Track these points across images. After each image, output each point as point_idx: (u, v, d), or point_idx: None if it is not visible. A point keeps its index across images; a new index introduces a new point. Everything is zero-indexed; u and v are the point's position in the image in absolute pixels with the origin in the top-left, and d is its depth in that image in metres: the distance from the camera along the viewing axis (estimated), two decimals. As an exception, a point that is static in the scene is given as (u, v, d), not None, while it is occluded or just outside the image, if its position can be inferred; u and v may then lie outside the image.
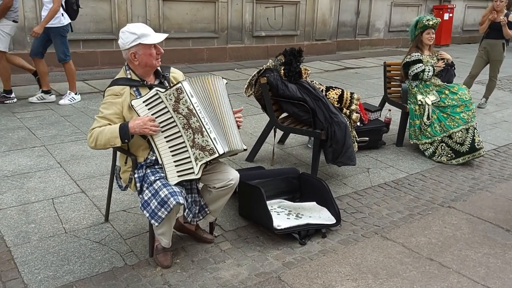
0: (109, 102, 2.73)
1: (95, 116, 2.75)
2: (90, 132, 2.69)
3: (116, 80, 2.80)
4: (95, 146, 2.69)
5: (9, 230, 3.12)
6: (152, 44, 2.72)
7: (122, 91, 2.73)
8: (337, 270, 2.88)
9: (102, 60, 8.41)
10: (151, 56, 2.73)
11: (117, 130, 2.61)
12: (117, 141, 2.62)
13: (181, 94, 2.61)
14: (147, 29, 2.75)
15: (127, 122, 2.64)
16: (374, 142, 5.09)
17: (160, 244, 2.84)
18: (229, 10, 9.91)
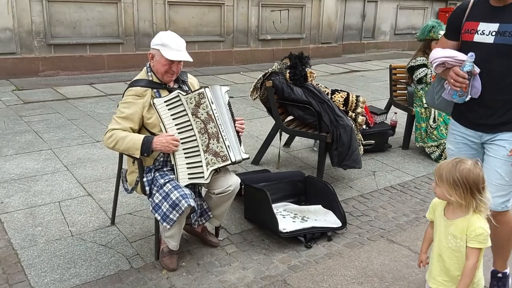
0: (130, 102, 2.75)
1: (114, 116, 2.76)
2: (110, 133, 2.69)
3: (138, 81, 2.84)
4: (112, 148, 2.72)
5: (16, 233, 3.15)
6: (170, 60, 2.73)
7: (145, 93, 2.77)
8: (343, 274, 2.88)
9: (109, 64, 8.47)
10: (163, 66, 2.75)
11: (140, 143, 2.63)
12: (136, 153, 2.65)
13: (203, 99, 2.67)
14: (175, 42, 2.76)
15: (151, 138, 2.66)
16: (380, 145, 5.08)
17: (166, 247, 2.84)
18: (235, 13, 9.94)
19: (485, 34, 2.32)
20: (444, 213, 2.13)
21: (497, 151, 2.41)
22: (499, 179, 2.40)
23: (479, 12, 2.38)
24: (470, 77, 2.26)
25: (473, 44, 2.37)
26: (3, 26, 7.36)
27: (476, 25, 2.36)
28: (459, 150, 2.58)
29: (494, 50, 2.29)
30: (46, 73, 7.91)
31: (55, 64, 7.99)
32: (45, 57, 7.89)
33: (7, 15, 7.33)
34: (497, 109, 2.38)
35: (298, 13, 11.02)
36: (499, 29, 2.27)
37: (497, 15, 2.29)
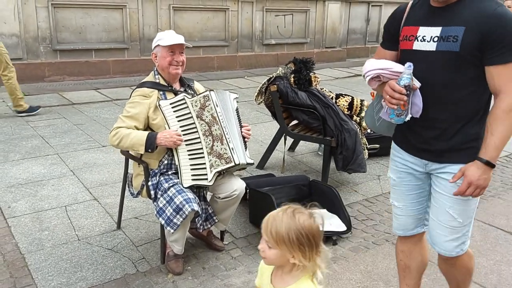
0: (137, 102, 2.80)
1: (120, 115, 2.81)
2: (115, 131, 2.73)
3: (145, 82, 2.91)
4: (117, 146, 2.75)
5: (23, 237, 3.17)
6: (169, 49, 2.80)
7: (151, 94, 2.82)
8: (348, 278, 2.88)
9: (114, 69, 8.52)
10: (165, 59, 2.82)
11: (144, 139, 2.67)
12: (141, 149, 2.68)
13: (208, 102, 2.71)
14: (171, 34, 2.86)
15: (155, 133, 2.70)
16: (385, 149, 5.06)
17: (172, 251, 2.86)
18: (239, 18, 9.98)
19: (426, 41, 1.93)
20: (271, 280, 1.64)
21: (446, 187, 2.01)
22: (451, 221, 2.04)
23: (419, 15, 2.01)
24: (409, 92, 1.88)
25: (413, 52, 1.98)
26: (9, 32, 7.43)
27: (415, 30, 1.98)
28: (401, 181, 2.20)
29: (437, 59, 1.91)
30: (52, 79, 7.97)
31: (61, 70, 8.05)
32: (51, 62, 7.95)
33: (13, 21, 7.40)
34: (443, 131, 1.98)
35: (302, 17, 11.06)
36: (441, 33, 1.89)
37: (438, 17, 1.92)
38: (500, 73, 1.83)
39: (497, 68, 1.83)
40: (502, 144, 1.86)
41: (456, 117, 1.95)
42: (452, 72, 1.90)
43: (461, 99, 1.92)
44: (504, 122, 1.83)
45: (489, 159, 1.86)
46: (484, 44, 1.81)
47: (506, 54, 1.80)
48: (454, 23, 1.87)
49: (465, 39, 1.83)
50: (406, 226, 2.28)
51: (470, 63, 1.86)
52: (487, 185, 1.91)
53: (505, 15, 1.80)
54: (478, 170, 1.87)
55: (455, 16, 1.87)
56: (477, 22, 1.81)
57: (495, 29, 1.78)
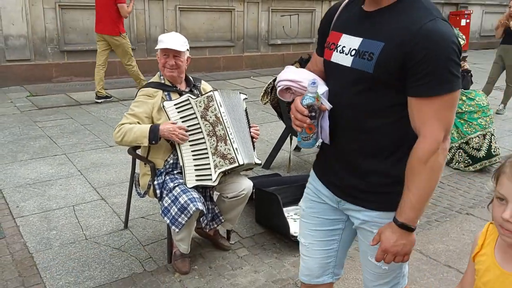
0: (141, 101, 2.84)
1: (125, 113, 2.85)
2: (119, 127, 2.77)
3: (150, 82, 2.96)
4: (121, 142, 2.77)
5: (31, 236, 3.20)
6: (163, 52, 2.84)
7: (156, 93, 2.85)
8: (354, 277, 2.88)
9: (121, 70, 8.54)
10: (160, 61, 2.89)
11: (147, 130, 2.69)
12: (144, 141, 2.70)
13: (211, 102, 2.72)
14: (169, 37, 2.88)
15: (158, 125, 2.72)
16: (391, 149, 5.06)
17: (178, 250, 2.88)
18: (245, 19, 10.00)
19: (344, 53, 1.55)
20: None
21: (365, 235, 1.67)
22: (376, 268, 1.71)
23: (346, 19, 1.61)
24: (314, 114, 1.55)
25: (330, 65, 1.62)
26: (17, 33, 7.49)
27: (338, 37, 1.60)
28: (311, 212, 1.80)
29: (351, 79, 1.53)
30: (59, 79, 8.02)
31: (68, 70, 8.10)
32: (58, 63, 8.00)
33: (21, 23, 7.46)
34: (358, 167, 1.60)
35: (308, 17, 11.05)
36: (360, 46, 1.50)
37: (363, 24, 1.53)
38: (420, 107, 1.42)
39: (418, 101, 1.42)
40: (420, 203, 1.47)
41: (371, 150, 1.57)
42: (366, 96, 1.51)
43: (376, 130, 1.54)
44: (421, 175, 1.44)
45: (405, 221, 1.48)
46: (405, 68, 1.41)
47: (430, 85, 1.38)
48: (375, 36, 1.47)
49: (381, 58, 1.43)
50: (312, 272, 1.85)
51: (390, 87, 1.47)
52: (408, 252, 1.53)
53: (435, 33, 1.37)
54: (393, 235, 1.50)
55: (379, 26, 1.48)
56: (400, 37, 1.40)
57: (419, 51, 1.37)
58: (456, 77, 1.41)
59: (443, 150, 1.45)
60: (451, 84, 1.39)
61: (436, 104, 1.40)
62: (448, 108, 1.42)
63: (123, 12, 6.69)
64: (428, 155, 1.42)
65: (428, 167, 1.43)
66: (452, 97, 1.41)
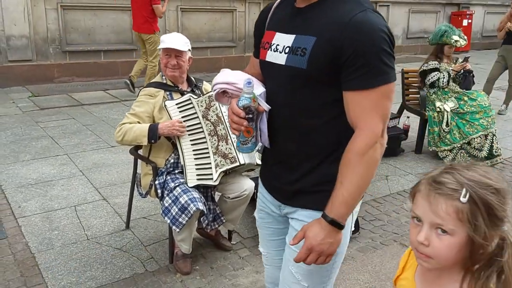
0: (143, 101, 2.86)
1: (126, 113, 2.87)
2: (120, 127, 2.78)
3: (152, 82, 2.98)
4: (121, 141, 2.78)
5: (33, 236, 3.21)
6: (165, 52, 2.85)
7: (157, 93, 2.87)
8: (355, 278, 2.88)
9: (123, 70, 8.56)
10: (162, 61, 2.91)
11: (146, 129, 2.71)
12: (144, 140, 2.71)
13: (213, 102, 2.74)
14: (171, 37, 2.90)
15: (157, 124, 2.73)
16: (393, 149, 5.07)
17: (180, 250, 2.88)
18: (247, 19, 10.00)
19: (278, 51, 1.50)
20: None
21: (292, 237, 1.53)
22: (294, 283, 1.58)
23: (279, 17, 1.57)
24: (251, 116, 1.48)
25: (266, 65, 1.57)
26: (19, 34, 7.50)
27: (272, 36, 1.55)
28: (262, 222, 1.78)
29: (286, 77, 1.48)
30: (61, 80, 8.03)
31: (70, 71, 8.11)
32: (60, 63, 8.01)
33: (23, 23, 7.47)
34: (296, 167, 1.54)
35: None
36: (293, 43, 1.45)
37: (295, 21, 1.49)
38: (355, 101, 1.38)
39: (353, 95, 1.38)
40: (352, 198, 1.39)
41: (309, 151, 1.50)
42: (301, 94, 1.46)
43: (313, 129, 1.48)
44: (356, 168, 1.37)
45: (335, 217, 1.39)
46: (338, 63, 1.37)
47: (364, 77, 1.35)
48: (307, 31, 1.43)
49: (314, 53, 1.39)
50: (274, 279, 1.80)
51: (325, 84, 1.42)
52: (332, 252, 1.43)
53: (365, 24, 1.34)
54: (321, 232, 1.39)
55: (310, 21, 1.44)
56: (330, 32, 1.37)
57: (350, 43, 1.33)
58: (390, 68, 1.38)
59: (381, 145, 1.40)
60: (386, 76, 1.37)
61: (372, 97, 1.36)
62: (384, 100, 1.39)
63: (158, 12, 7.08)
64: (365, 148, 1.37)
65: (365, 161, 1.37)
66: (387, 89, 1.38)
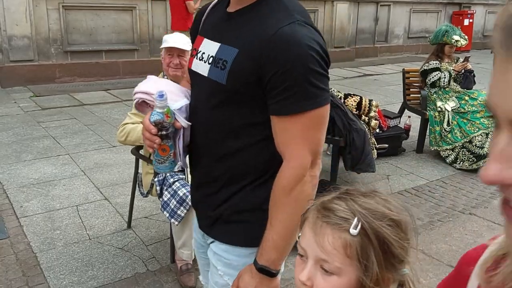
0: None
1: (128, 113, 2.88)
2: (122, 127, 2.79)
3: None
4: (124, 141, 2.79)
5: (35, 236, 3.22)
6: (168, 51, 2.87)
7: None
8: (356, 277, 2.89)
9: (124, 70, 8.58)
10: (164, 61, 2.92)
11: None
12: None
13: None
14: (173, 37, 2.92)
15: None
16: (394, 149, 5.07)
17: (184, 264, 2.80)
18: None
19: (203, 60, 1.33)
20: None
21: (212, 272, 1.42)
22: None
23: (211, 21, 1.39)
24: (165, 133, 1.30)
25: (192, 74, 1.40)
26: (21, 34, 7.52)
27: (200, 42, 1.38)
28: (197, 250, 1.60)
29: (207, 91, 1.31)
30: (62, 80, 8.05)
31: (71, 71, 8.13)
32: (61, 63, 8.03)
33: (25, 24, 7.49)
34: (217, 192, 1.35)
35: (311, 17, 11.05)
36: (217, 53, 1.28)
37: (224, 27, 1.32)
38: (280, 127, 1.20)
39: (277, 120, 1.20)
40: (284, 241, 1.20)
41: (231, 175, 1.32)
42: (221, 112, 1.28)
43: (238, 152, 1.29)
44: (284, 207, 1.19)
45: (265, 264, 1.22)
46: (261, 82, 1.18)
47: (288, 101, 1.16)
48: (231, 41, 1.25)
49: (234, 68, 1.21)
50: None
51: (246, 103, 1.24)
52: None
53: (291, 39, 1.15)
54: (252, 281, 1.24)
55: (236, 30, 1.26)
56: (252, 45, 1.18)
57: (273, 61, 1.14)
58: (322, 90, 1.18)
59: (312, 177, 1.21)
60: (315, 100, 1.17)
61: (298, 124, 1.17)
62: (314, 128, 1.20)
63: (190, 8, 7.35)
64: (292, 183, 1.18)
65: (293, 197, 1.18)
66: (318, 114, 1.19)
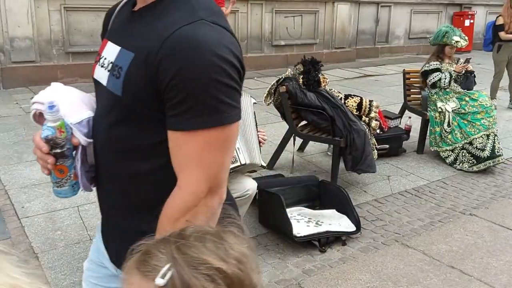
0: None
1: None
2: None
3: None
4: None
5: (36, 237, 3.23)
6: None
7: None
8: (357, 278, 2.89)
9: (125, 71, 8.60)
10: None
11: None
12: None
13: None
14: None
15: None
16: (395, 150, 5.07)
17: None
18: (249, 20, 10.02)
19: (104, 67, 1.16)
20: None
21: None
22: None
23: (117, 21, 1.24)
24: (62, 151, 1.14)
25: (94, 83, 1.25)
26: (23, 35, 7.54)
27: (104, 45, 1.22)
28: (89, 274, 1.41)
29: (106, 103, 1.15)
30: (64, 81, 8.03)
31: (73, 72, 8.14)
32: (63, 64, 8.05)
33: (27, 25, 7.51)
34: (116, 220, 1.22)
35: (312, 18, 11.05)
36: (116, 59, 1.11)
37: (125, 28, 1.17)
38: (176, 145, 1.03)
39: (173, 136, 1.03)
40: None
41: (132, 203, 1.15)
42: (118, 129, 1.11)
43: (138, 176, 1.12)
44: None
45: None
46: (158, 92, 1.01)
47: (186, 116, 0.99)
48: (128, 45, 1.09)
49: (129, 76, 1.05)
50: None
51: (149, 119, 1.06)
52: None
53: (191, 43, 0.98)
54: None
55: (135, 31, 1.10)
56: (148, 49, 1.01)
57: (168, 68, 0.98)
58: (227, 106, 1.00)
59: (207, 208, 1.03)
60: (218, 116, 0.99)
61: (194, 143, 1.00)
62: (214, 150, 1.01)
63: None
64: (178, 213, 1.01)
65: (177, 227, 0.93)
66: (220, 134, 1.01)
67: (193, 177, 1.02)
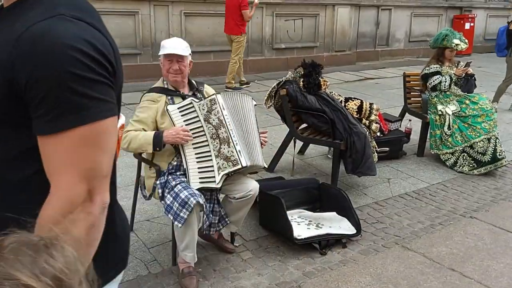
0: (146, 106, 2.89)
1: (130, 120, 2.89)
2: (124, 134, 2.81)
3: (154, 88, 3.00)
4: (127, 148, 2.81)
5: (38, 239, 3.23)
6: (167, 58, 2.88)
7: (159, 98, 2.90)
8: (357, 280, 2.90)
9: (127, 74, 8.50)
10: (164, 67, 2.92)
11: (151, 137, 2.74)
12: (149, 148, 2.74)
13: (214, 105, 2.77)
14: (171, 42, 2.93)
15: (162, 131, 2.76)
16: (395, 152, 5.08)
17: (186, 267, 2.81)
18: (250, 23, 10.02)
19: None
20: None
21: None
22: None
23: None
24: None
25: None
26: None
27: None
28: None
29: None
30: None
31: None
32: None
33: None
34: None
35: (312, 22, 11.08)
36: None
37: None
38: (44, 151, 0.97)
39: (41, 142, 0.97)
40: None
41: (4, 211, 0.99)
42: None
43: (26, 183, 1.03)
44: None
45: None
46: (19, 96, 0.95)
47: (48, 117, 0.93)
48: None
49: None
50: None
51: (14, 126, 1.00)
52: None
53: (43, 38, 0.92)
54: None
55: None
56: (4, 50, 0.95)
57: (21, 68, 0.92)
58: (95, 100, 0.95)
59: (87, 215, 0.95)
60: (83, 112, 0.94)
61: (63, 145, 0.94)
62: (87, 148, 0.96)
63: (246, 17, 8.19)
64: (52, 221, 0.90)
65: None
66: (91, 131, 0.95)
67: (65, 180, 0.94)
